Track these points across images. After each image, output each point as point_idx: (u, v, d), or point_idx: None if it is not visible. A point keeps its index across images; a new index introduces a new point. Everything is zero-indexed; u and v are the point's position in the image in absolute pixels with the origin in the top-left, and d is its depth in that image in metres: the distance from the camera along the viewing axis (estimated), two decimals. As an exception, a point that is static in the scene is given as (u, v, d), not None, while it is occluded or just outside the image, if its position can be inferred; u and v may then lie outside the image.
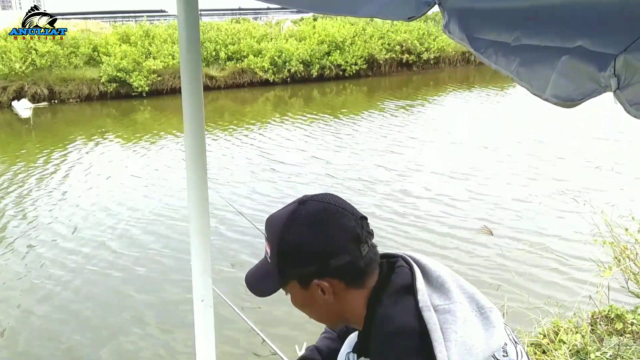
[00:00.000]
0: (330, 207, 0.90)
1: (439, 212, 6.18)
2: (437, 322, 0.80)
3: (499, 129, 10.54)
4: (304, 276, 0.89)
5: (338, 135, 10.22)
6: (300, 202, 0.92)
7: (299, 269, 0.88)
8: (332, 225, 0.88)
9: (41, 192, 7.30)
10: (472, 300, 0.87)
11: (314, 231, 0.87)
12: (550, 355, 2.68)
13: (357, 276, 0.89)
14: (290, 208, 0.92)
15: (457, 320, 0.81)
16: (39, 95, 14.05)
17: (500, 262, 4.91)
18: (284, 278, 0.91)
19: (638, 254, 3.30)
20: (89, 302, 4.50)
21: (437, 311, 0.82)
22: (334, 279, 0.88)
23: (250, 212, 6.07)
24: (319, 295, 0.89)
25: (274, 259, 0.90)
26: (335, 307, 0.91)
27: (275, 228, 0.90)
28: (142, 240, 5.65)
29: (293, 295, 0.93)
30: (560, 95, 0.83)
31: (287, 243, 0.88)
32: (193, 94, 1.18)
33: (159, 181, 7.69)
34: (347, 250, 0.87)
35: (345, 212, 0.90)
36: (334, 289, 0.88)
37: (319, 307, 0.92)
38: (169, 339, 3.98)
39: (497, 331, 0.83)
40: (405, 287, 0.86)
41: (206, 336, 1.35)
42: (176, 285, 4.69)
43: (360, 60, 17.45)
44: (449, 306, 0.83)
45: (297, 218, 0.89)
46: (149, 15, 24.03)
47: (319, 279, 0.87)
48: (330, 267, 0.87)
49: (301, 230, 0.88)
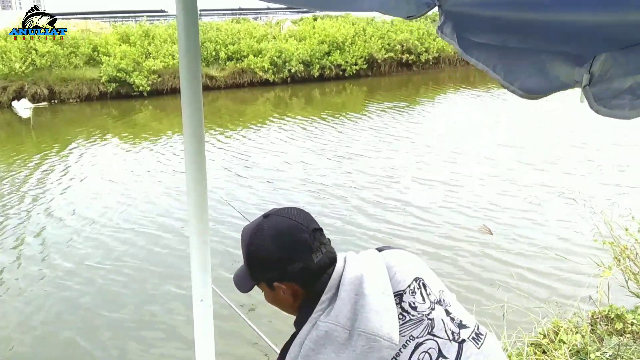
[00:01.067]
0: (289, 221, 1.06)
1: (438, 212, 6.18)
2: (304, 337, 0.96)
3: (499, 129, 10.54)
4: (267, 279, 1.06)
5: (339, 135, 10.23)
6: (265, 216, 1.08)
7: (263, 273, 1.06)
8: (288, 237, 1.04)
9: (39, 191, 7.30)
10: (353, 320, 0.96)
11: (273, 243, 1.03)
12: (550, 355, 2.69)
13: (310, 280, 1.04)
14: (257, 221, 1.09)
15: (320, 340, 0.95)
16: (39, 95, 14.04)
17: (500, 262, 4.91)
18: (254, 280, 1.09)
19: (638, 254, 3.30)
20: (98, 299, 4.50)
21: (314, 327, 0.97)
22: (291, 282, 1.03)
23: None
24: (281, 295, 1.06)
25: (245, 264, 1.09)
26: (296, 304, 1.07)
27: (245, 239, 1.08)
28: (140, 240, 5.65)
29: (264, 293, 1.11)
30: (527, 87, 0.92)
31: (252, 252, 1.06)
32: (192, 95, 1.18)
33: (158, 180, 7.69)
34: (301, 258, 1.03)
35: (301, 225, 1.05)
36: (292, 290, 1.04)
37: (284, 304, 1.09)
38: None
39: (356, 355, 0.92)
40: (315, 297, 1.01)
41: (206, 336, 1.35)
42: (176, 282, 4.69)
43: (360, 60, 17.45)
44: (322, 324, 0.96)
45: (260, 231, 1.05)
46: (149, 16, 24.02)
47: (279, 282, 1.04)
48: (288, 272, 1.03)
49: (263, 241, 1.04)
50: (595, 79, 0.85)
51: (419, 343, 0.94)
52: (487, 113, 12.42)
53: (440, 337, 0.96)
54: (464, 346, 0.96)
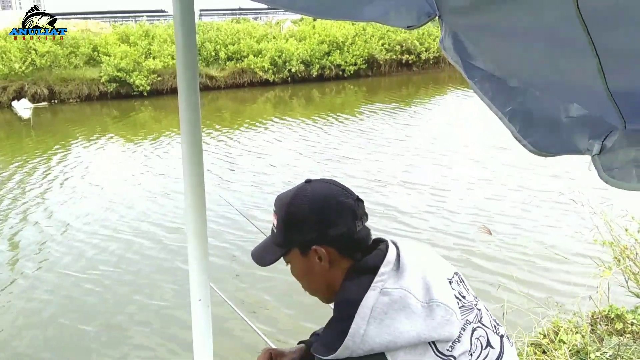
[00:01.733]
0: (332, 186, 1.04)
1: (438, 212, 6.18)
2: (372, 300, 0.89)
3: (498, 129, 10.53)
4: (305, 242, 1.01)
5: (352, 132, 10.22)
6: (306, 182, 1.06)
7: (301, 235, 1.01)
8: (332, 200, 1.01)
9: (39, 191, 7.30)
10: (427, 292, 0.92)
11: (316, 204, 1.00)
12: (550, 355, 2.68)
13: (350, 247, 1.01)
14: (298, 186, 1.06)
15: (393, 304, 0.89)
16: (39, 95, 14.05)
17: (501, 262, 4.90)
18: (287, 245, 1.03)
19: (638, 254, 3.29)
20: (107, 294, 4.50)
21: (381, 292, 0.90)
22: (330, 246, 0.99)
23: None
24: (316, 262, 1.01)
25: (280, 227, 1.04)
26: (329, 275, 1.02)
27: (284, 201, 1.04)
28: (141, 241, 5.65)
29: (293, 263, 1.05)
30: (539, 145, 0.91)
31: (292, 213, 1.02)
32: (189, 95, 1.18)
33: (159, 180, 7.68)
34: (344, 223, 1.00)
35: (345, 192, 1.03)
36: (330, 256, 1.00)
37: (315, 275, 1.03)
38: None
39: (435, 324, 0.88)
40: (371, 268, 0.96)
41: (204, 336, 1.35)
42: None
43: (360, 60, 17.45)
44: (392, 290, 0.91)
45: (302, 193, 1.03)
46: (149, 16, 24.04)
47: (319, 244, 0.99)
48: (329, 235, 0.99)
49: (305, 202, 1.01)
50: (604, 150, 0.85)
51: (474, 328, 0.95)
52: (487, 113, 12.39)
53: (487, 327, 0.99)
54: (503, 341, 1.00)
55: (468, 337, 0.93)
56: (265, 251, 1.08)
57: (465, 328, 0.93)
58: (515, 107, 0.93)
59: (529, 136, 0.92)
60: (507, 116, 0.95)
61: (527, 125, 0.92)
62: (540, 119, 0.90)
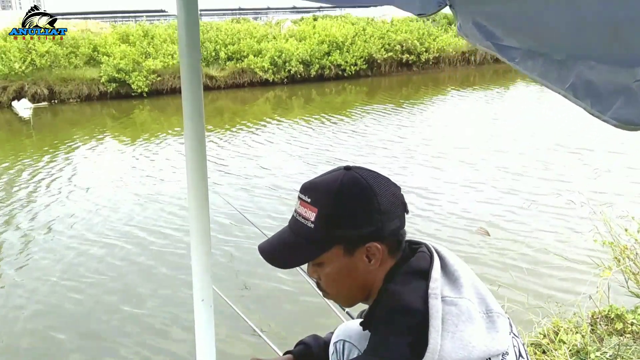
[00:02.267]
0: (377, 174, 0.90)
1: (434, 212, 6.18)
2: (440, 311, 0.80)
3: (498, 129, 10.54)
4: (357, 238, 0.86)
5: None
6: (346, 168, 0.90)
7: (355, 230, 0.86)
8: (385, 189, 0.88)
9: (40, 191, 7.30)
10: (482, 302, 0.87)
11: (371, 193, 0.85)
12: (550, 355, 2.68)
13: (399, 244, 0.91)
14: (339, 173, 0.89)
15: (461, 315, 0.81)
16: (39, 95, 14.04)
17: (500, 262, 4.91)
18: (329, 242, 0.87)
19: (638, 254, 3.30)
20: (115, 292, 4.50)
21: (444, 301, 0.82)
22: (384, 243, 0.87)
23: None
24: (362, 262, 0.88)
25: (322, 221, 0.86)
26: (371, 276, 0.90)
27: (327, 189, 0.87)
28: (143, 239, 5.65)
29: (331, 264, 0.89)
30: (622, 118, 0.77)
31: (344, 203, 0.86)
32: (193, 95, 1.18)
33: (159, 180, 7.69)
34: (399, 216, 0.89)
35: (390, 181, 0.90)
36: (383, 254, 0.88)
37: (356, 276, 0.89)
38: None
39: (499, 336, 0.82)
40: (420, 271, 0.87)
41: (206, 336, 1.35)
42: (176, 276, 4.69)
43: (360, 61, 17.44)
44: (457, 300, 0.83)
45: (352, 180, 0.87)
46: (150, 16, 24.04)
47: (376, 240, 0.86)
48: (386, 230, 0.86)
49: (359, 191, 0.86)
50: None
51: (515, 335, 0.90)
52: (487, 113, 12.42)
53: (517, 337, 0.92)
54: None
55: (512, 348, 0.86)
56: (291, 251, 0.90)
57: (512, 340, 0.89)
58: (574, 80, 0.81)
59: (608, 109, 0.78)
60: (571, 92, 0.82)
61: (599, 98, 0.79)
62: (610, 89, 0.77)
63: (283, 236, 0.94)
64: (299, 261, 0.91)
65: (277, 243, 0.93)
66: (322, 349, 1.24)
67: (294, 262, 0.91)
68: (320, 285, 0.96)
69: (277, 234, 0.97)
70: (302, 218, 0.89)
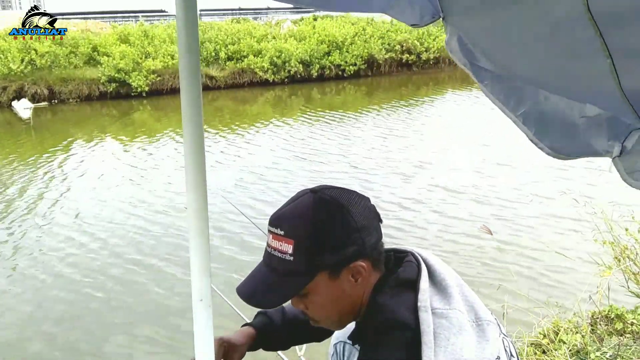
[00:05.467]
0: (345, 190, 0.88)
1: (438, 211, 6.18)
2: (432, 325, 0.79)
3: (498, 129, 10.53)
4: (342, 260, 0.83)
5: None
6: (313, 191, 0.87)
7: (337, 253, 0.83)
8: (357, 204, 0.85)
9: (40, 191, 7.30)
10: (472, 310, 0.86)
11: (345, 212, 0.83)
12: (550, 355, 2.68)
13: (380, 256, 0.88)
14: (306, 198, 0.86)
15: (452, 328, 0.80)
16: (39, 95, 14.04)
17: (500, 262, 4.91)
18: (314, 271, 0.84)
19: (638, 254, 3.30)
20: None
21: (434, 314, 0.81)
22: (366, 259, 0.85)
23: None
24: (348, 282, 0.85)
25: (302, 251, 0.83)
26: (359, 293, 0.87)
27: (299, 219, 0.84)
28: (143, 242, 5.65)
29: (316, 292, 0.86)
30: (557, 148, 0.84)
31: (320, 228, 0.82)
32: (192, 95, 1.17)
33: (159, 179, 7.69)
34: (376, 228, 0.86)
35: (359, 194, 0.88)
36: (368, 269, 0.85)
37: (344, 298, 0.87)
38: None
39: (489, 345, 0.81)
40: (408, 282, 0.85)
41: (205, 336, 1.34)
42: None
43: (360, 60, 17.44)
44: (447, 312, 0.81)
45: (322, 203, 0.84)
46: (150, 15, 24.05)
47: (359, 258, 0.84)
48: (366, 245, 0.84)
49: (332, 213, 0.83)
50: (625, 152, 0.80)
51: (502, 339, 0.89)
52: (488, 113, 12.41)
53: (507, 336, 0.91)
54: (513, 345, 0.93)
55: (503, 350, 0.85)
56: (274, 290, 0.86)
57: (503, 341, 0.88)
58: (528, 109, 0.87)
59: (546, 139, 0.86)
60: (521, 119, 0.88)
61: (543, 128, 0.86)
62: (556, 121, 0.84)
63: (261, 275, 0.89)
64: (286, 297, 0.87)
65: (257, 284, 0.89)
66: (286, 321, 1.16)
67: (280, 300, 0.87)
68: (308, 315, 0.93)
69: (253, 273, 0.92)
70: (278, 252, 0.86)
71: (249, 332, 1.15)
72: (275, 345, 1.20)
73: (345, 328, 1.17)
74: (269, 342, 1.18)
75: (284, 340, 1.20)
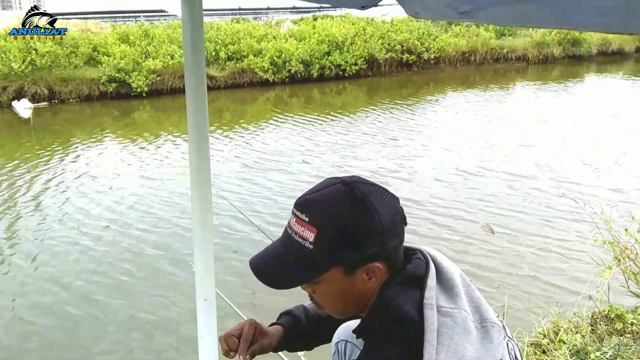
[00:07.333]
0: (377, 187, 0.86)
1: (439, 211, 6.19)
2: (436, 323, 0.79)
3: (497, 129, 10.55)
4: (360, 259, 0.82)
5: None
6: (344, 183, 0.84)
7: (357, 251, 0.81)
8: (387, 205, 0.83)
9: (40, 191, 7.30)
10: (477, 311, 0.86)
11: (373, 212, 0.81)
12: (550, 355, 2.69)
13: (398, 258, 0.87)
14: (337, 189, 0.83)
15: (456, 327, 0.80)
16: (39, 95, 14.03)
17: (500, 262, 4.92)
18: (330, 263, 0.83)
19: (638, 254, 3.30)
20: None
21: (439, 312, 0.81)
22: (385, 261, 0.84)
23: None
24: (361, 280, 0.85)
25: (322, 244, 0.81)
26: (369, 290, 0.87)
27: (326, 210, 0.82)
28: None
29: (328, 283, 0.85)
30: None
31: (345, 225, 0.80)
32: (197, 96, 1.18)
33: (160, 178, 7.69)
34: (400, 232, 0.86)
35: (390, 193, 0.86)
36: (383, 271, 0.85)
37: (354, 294, 0.87)
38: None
39: (493, 347, 0.81)
40: (415, 280, 0.85)
41: (209, 335, 1.36)
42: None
43: (360, 60, 17.44)
44: (453, 311, 0.81)
45: (353, 199, 0.82)
46: (150, 16, 24.04)
47: (375, 260, 0.83)
48: (387, 248, 0.83)
49: (360, 211, 0.81)
50: None
51: (507, 342, 0.88)
52: (488, 113, 12.42)
53: (512, 339, 0.91)
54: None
55: (507, 353, 0.85)
56: (286, 271, 0.86)
57: (508, 344, 0.88)
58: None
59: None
60: None
61: None
62: None
63: (276, 254, 0.88)
64: (295, 282, 0.86)
65: (271, 261, 0.88)
66: (311, 320, 1.18)
67: (289, 283, 0.86)
68: (314, 299, 0.93)
69: (269, 250, 0.91)
70: (298, 237, 0.84)
71: (279, 329, 1.16)
72: (300, 345, 1.20)
73: (348, 327, 1.18)
74: (295, 341, 1.18)
75: (309, 340, 1.20)
